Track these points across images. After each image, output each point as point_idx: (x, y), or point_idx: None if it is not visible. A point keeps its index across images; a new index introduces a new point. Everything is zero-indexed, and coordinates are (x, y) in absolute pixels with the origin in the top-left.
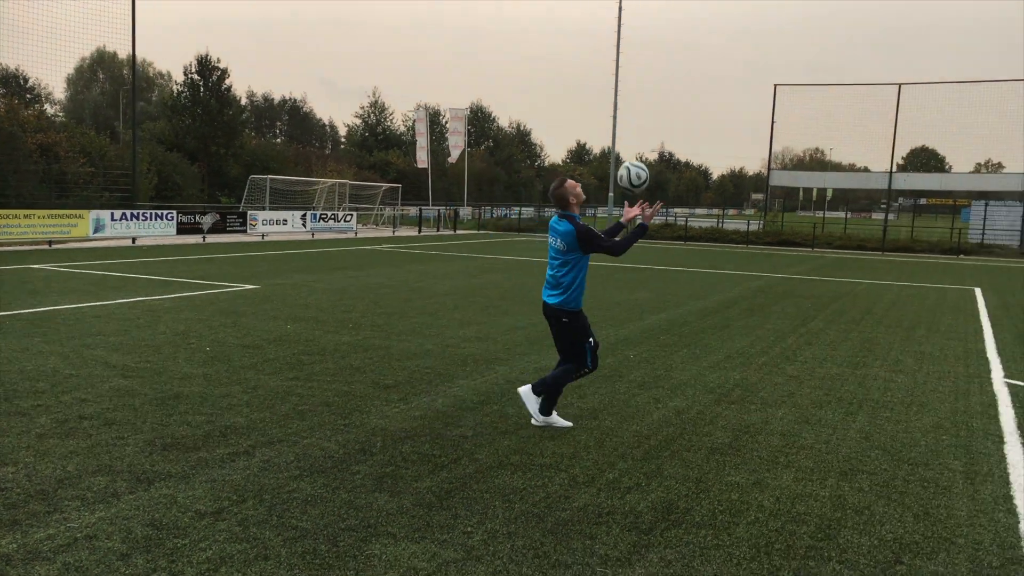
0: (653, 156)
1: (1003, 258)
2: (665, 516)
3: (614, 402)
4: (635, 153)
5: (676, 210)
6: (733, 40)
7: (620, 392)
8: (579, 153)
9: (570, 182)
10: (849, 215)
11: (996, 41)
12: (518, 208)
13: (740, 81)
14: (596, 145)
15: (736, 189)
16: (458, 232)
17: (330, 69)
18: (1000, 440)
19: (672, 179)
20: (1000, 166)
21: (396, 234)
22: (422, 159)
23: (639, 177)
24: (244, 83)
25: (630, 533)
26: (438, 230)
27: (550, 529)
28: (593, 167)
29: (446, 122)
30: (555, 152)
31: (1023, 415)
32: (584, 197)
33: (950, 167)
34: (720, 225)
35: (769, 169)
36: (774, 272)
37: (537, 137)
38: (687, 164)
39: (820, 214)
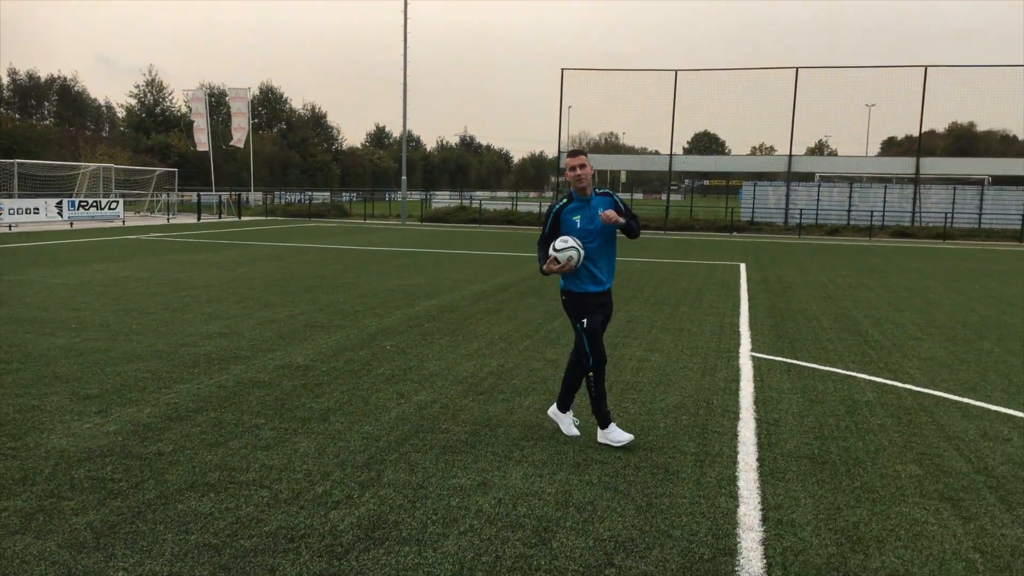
0: (455, 140)
1: (770, 234)
2: (369, 533)
3: (353, 399)
4: (436, 136)
5: (477, 193)
6: (530, 24)
7: (362, 388)
8: (378, 136)
9: (568, 157)
10: (641, 196)
11: (768, 31)
12: (310, 193)
13: (540, 66)
14: (396, 128)
15: (537, 172)
16: (243, 219)
17: (106, 46)
18: (736, 417)
19: (474, 162)
20: (772, 149)
21: (171, 222)
22: (202, 142)
23: (556, 249)
24: (4, 60)
25: (320, 559)
26: (220, 217)
27: (225, 563)
28: (393, 151)
29: (231, 102)
30: (354, 135)
31: (761, 389)
32: (574, 174)
33: (729, 150)
34: (514, 207)
35: (559, 152)
36: None
37: (334, 120)
38: (488, 147)
39: (623, 196)
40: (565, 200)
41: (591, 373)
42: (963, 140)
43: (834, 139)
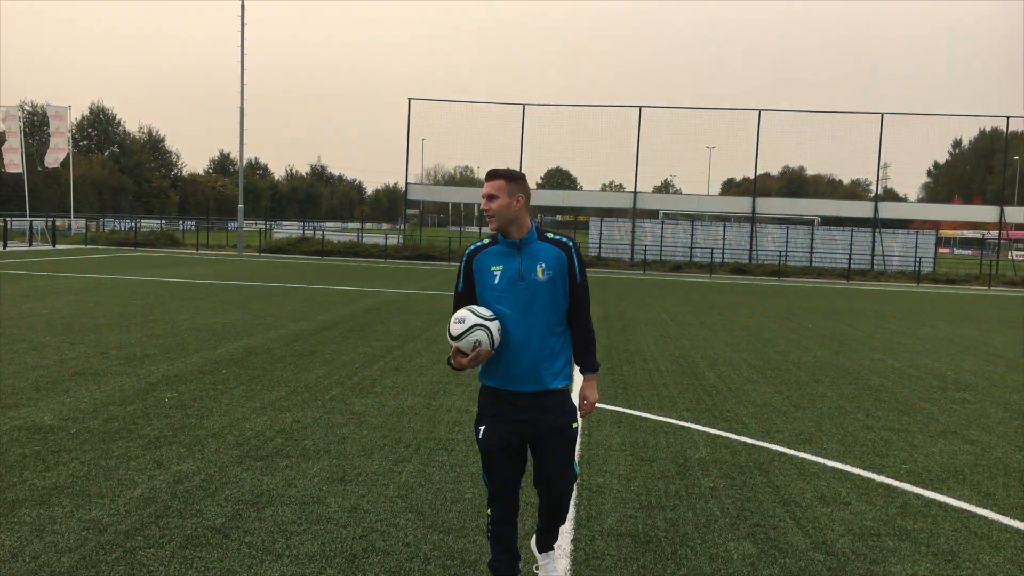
0: (306, 169)
1: (616, 270)
2: None
3: (93, 472)
4: (285, 165)
5: (327, 224)
6: (387, 57)
7: (112, 456)
8: (222, 163)
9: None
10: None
11: (613, 70)
12: (140, 220)
13: (396, 98)
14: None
15: (391, 204)
16: (58, 247)
17: None
18: None
19: (325, 192)
20: (621, 186)
21: None
22: (14, 162)
23: (453, 336)
24: None
25: None
26: (31, 244)
27: None
28: (236, 177)
29: (51, 121)
30: (196, 161)
31: (588, 446)
32: (484, 207)
33: (581, 186)
34: (360, 239)
35: (407, 184)
36: (398, 288)
37: (173, 144)
38: (341, 178)
39: (472, 229)
40: (486, 240)
41: (489, 509)
42: (794, 183)
43: (679, 178)
